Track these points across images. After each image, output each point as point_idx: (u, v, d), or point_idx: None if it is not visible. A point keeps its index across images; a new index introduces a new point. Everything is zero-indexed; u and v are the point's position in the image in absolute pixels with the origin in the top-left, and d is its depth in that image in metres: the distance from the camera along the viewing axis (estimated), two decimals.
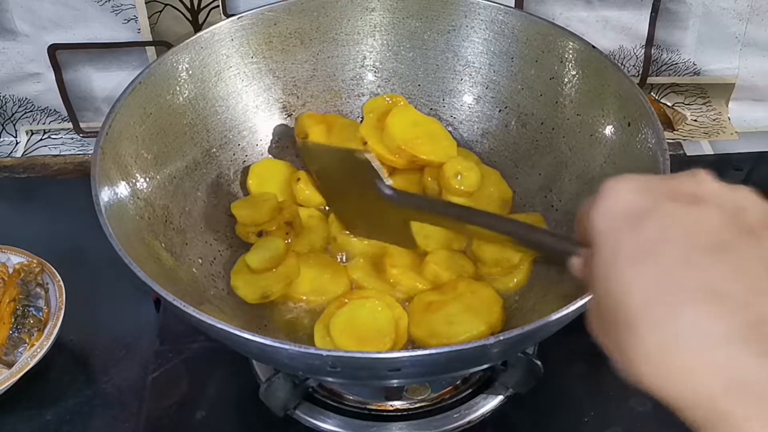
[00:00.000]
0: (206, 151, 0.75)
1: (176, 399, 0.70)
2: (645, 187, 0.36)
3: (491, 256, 0.68)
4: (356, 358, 0.53)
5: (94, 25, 0.85)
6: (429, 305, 0.65)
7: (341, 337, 0.63)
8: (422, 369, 0.56)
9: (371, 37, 0.80)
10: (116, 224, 0.59)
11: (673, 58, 0.93)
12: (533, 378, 0.65)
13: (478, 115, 0.80)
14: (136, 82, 0.68)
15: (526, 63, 0.77)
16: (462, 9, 0.78)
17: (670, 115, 0.97)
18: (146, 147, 0.69)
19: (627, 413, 0.68)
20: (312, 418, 0.67)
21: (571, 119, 0.74)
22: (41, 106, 0.92)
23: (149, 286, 0.54)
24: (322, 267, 0.70)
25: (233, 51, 0.76)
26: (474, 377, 0.70)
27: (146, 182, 0.68)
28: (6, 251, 0.75)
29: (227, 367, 0.72)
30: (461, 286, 0.66)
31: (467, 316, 0.63)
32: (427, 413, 0.68)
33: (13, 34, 0.85)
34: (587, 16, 0.89)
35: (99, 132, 0.64)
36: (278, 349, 0.51)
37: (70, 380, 0.71)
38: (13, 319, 0.71)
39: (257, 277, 0.68)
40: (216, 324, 0.51)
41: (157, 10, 0.85)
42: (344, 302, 0.65)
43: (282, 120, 0.80)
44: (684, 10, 0.89)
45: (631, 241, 0.34)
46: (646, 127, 0.65)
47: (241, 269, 0.69)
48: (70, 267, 0.75)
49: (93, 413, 0.69)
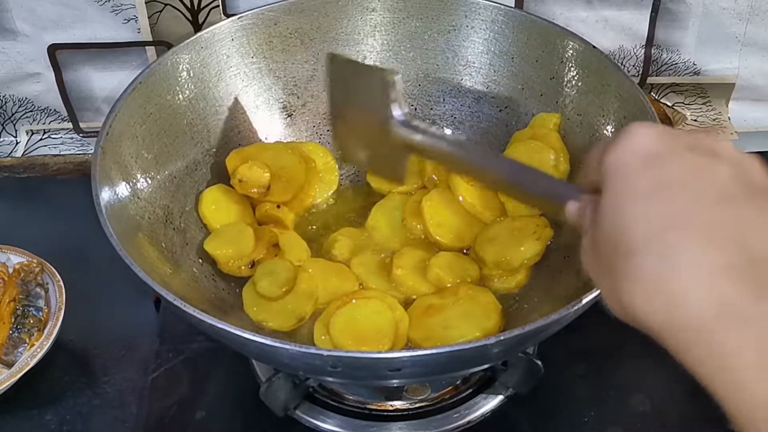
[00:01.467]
0: (206, 151, 0.75)
1: (176, 399, 0.70)
2: (665, 135, 0.38)
3: (492, 258, 0.68)
4: (357, 358, 0.53)
5: (94, 25, 0.85)
6: (428, 309, 0.65)
7: (340, 336, 0.63)
8: (423, 369, 0.56)
9: (371, 37, 0.80)
10: (116, 224, 0.59)
11: (673, 58, 0.93)
12: (533, 378, 0.65)
13: (478, 115, 0.80)
14: (136, 82, 0.68)
15: (527, 63, 0.77)
16: (462, 9, 0.78)
17: (670, 115, 0.97)
18: (146, 147, 0.69)
19: (627, 413, 0.68)
20: (312, 418, 0.67)
21: (571, 119, 0.74)
22: (41, 106, 0.92)
23: (149, 286, 0.54)
24: (325, 270, 0.70)
25: (233, 51, 0.76)
26: (474, 377, 0.70)
27: (146, 182, 0.68)
28: (6, 251, 0.75)
29: (227, 367, 0.72)
30: (462, 290, 0.66)
31: (463, 321, 0.63)
32: (427, 413, 0.68)
33: (13, 34, 0.85)
34: (587, 16, 0.89)
35: (99, 132, 0.64)
36: (278, 349, 0.51)
37: (70, 380, 0.71)
38: (13, 319, 0.71)
39: (281, 304, 0.66)
40: (216, 324, 0.51)
41: (157, 10, 0.85)
42: (345, 302, 0.65)
43: (282, 120, 0.80)
44: (684, 10, 0.89)
45: (647, 178, 0.36)
46: None
47: (256, 302, 0.66)
48: (70, 267, 0.75)
49: (93, 413, 0.69)
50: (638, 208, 0.36)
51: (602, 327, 0.66)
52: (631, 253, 0.35)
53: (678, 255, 0.34)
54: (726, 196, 0.35)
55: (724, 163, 0.37)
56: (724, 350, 0.33)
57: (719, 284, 0.33)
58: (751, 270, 0.33)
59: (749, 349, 0.32)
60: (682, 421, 0.68)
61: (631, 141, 0.38)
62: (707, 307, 0.33)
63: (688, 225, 0.35)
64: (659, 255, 0.34)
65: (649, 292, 0.35)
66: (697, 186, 0.36)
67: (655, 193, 0.36)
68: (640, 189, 0.36)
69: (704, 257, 0.34)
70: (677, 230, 0.35)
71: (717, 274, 0.33)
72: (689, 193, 0.35)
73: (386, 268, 0.70)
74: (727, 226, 0.34)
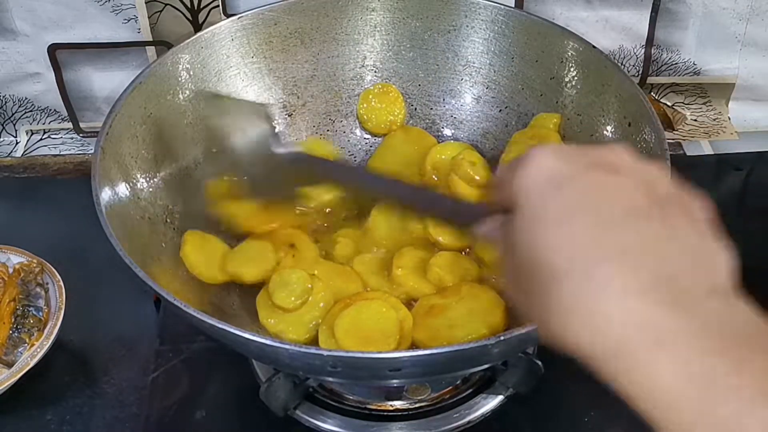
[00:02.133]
0: (207, 150, 0.75)
1: (176, 399, 0.70)
2: (567, 156, 0.38)
3: (492, 258, 0.68)
4: (357, 358, 0.53)
5: (94, 25, 0.85)
6: (431, 309, 0.65)
7: (345, 338, 0.62)
8: (423, 369, 0.56)
9: (371, 37, 0.80)
10: (116, 224, 0.59)
11: (673, 58, 0.93)
12: (533, 378, 0.65)
13: (478, 115, 0.80)
14: (136, 82, 0.68)
15: (527, 63, 0.77)
16: (462, 9, 0.78)
17: (670, 115, 0.97)
18: (146, 147, 0.69)
19: (627, 413, 0.68)
20: (312, 418, 0.67)
21: (571, 119, 0.74)
22: (41, 106, 0.92)
23: (149, 286, 0.54)
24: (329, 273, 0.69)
25: (233, 51, 0.76)
26: (474, 377, 0.70)
27: (147, 182, 0.68)
28: (6, 251, 0.75)
29: (227, 367, 0.72)
30: (464, 289, 0.66)
31: (468, 319, 0.63)
32: (427, 413, 0.68)
33: (13, 33, 0.85)
34: (587, 16, 0.89)
35: (99, 132, 0.64)
36: (278, 349, 0.51)
37: (70, 380, 0.71)
38: (13, 319, 0.71)
39: (297, 316, 0.65)
40: (216, 324, 0.51)
41: (157, 10, 0.85)
42: (348, 303, 0.65)
43: (282, 120, 0.80)
44: (684, 10, 0.89)
45: (555, 204, 0.37)
46: (647, 127, 0.65)
47: (272, 314, 0.66)
48: (70, 267, 0.75)
49: (93, 413, 0.69)
50: (549, 235, 0.36)
51: None
52: (550, 280, 0.35)
53: (593, 281, 0.34)
54: (631, 212, 0.36)
55: (627, 177, 0.37)
56: (647, 372, 0.33)
57: (635, 306, 0.33)
58: (663, 287, 0.33)
59: (668, 368, 0.32)
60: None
61: (535, 166, 0.38)
62: (627, 331, 0.33)
63: (599, 246, 0.35)
64: (577, 280, 0.34)
65: (573, 316, 0.34)
66: (602, 207, 0.36)
67: (562, 220, 0.36)
68: (549, 216, 0.36)
69: (618, 280, 0.34)
70: (588, 256, 0.34)
71: (632, 296, 0.33)
72: (595, 215, 0.36)
73: (387, 269, 0.70)
74: (635, 245, 0.35)
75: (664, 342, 0.32)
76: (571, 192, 0.37)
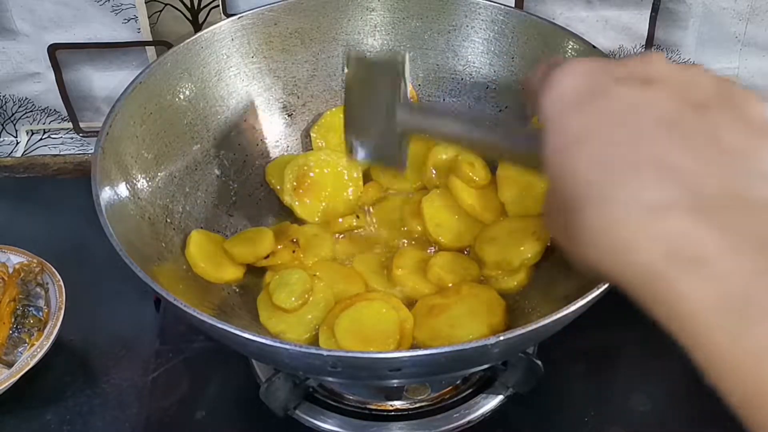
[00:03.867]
0: (206, 150, 0.75)
1: (176, 399, 0.70)
2: (594, 70, 0.36)
3: (492, 258, 0.68)
4: (357, 357, 0.53)
5: (94, 25, 0.85)
6: (432, 309, 0.65)
7: (345, 338, 0.62)
8: (423, 369, 0.56)
9: (371, 37, 0.80)
10: (116, 224, 0.59)
11: (673, 58, 0.93)
12: (533, 378, 0.65)
13: None
14: (136, 82, 0.68)
15: (527, 63, 0.77)
16: (462, 9, 0.78)
17: None
18: (146, 147, 0.69)
19: (627, 413, 0.68)
20: (312, 418, 0.67)
21: None
22: (41, 106, 0.92)
23: (149, 286, 0.54)
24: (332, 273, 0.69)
25: (233, 51, 0.76)
26: (474, 377, 0.70)
27: (147, 182, 0.68)
28: (6, 251, 0.75)
29: (227, 367, 0.72)
30: (464, 289, 0.66)
31: (469, 319, 0.63)
32: (427, 413, 0.68)
33: (13, 33, 0.85)
34: (587, 16, 0.89)
35: (99, 132, 0.64)
36: (278, 349, 0.51)
37: (70, 380, 0.71)
38: (13, 319, 0.71)
39: (298, 316, 0.65)
40: (216, 324, 0.51)
41: (157, 10, 0.85)
42: (349, 303, 0.65)
43: (282, 120, 0.80)
44: (684, 10, 0.89)
45: (578, 124, 0.34)
46: None
47: (272, 314, 0.66)
48: (70, 267, 0.75)
49: (93, 413, 0.69)
50: (574, 157, 0.34)
51: (602, 327, 0.66)
52: (577, 206, 0.33)
53: (619, 201, 0.32)
54: (665, 122, 0.33)
55: (660, 88, 0.34)
56: (679, 295, 0.30)
57: (660, 225, 0.31)
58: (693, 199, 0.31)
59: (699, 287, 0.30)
60: (682, 421, 0.68)
61: (561, 82, 0.36)
62: (655, 250, 0.31)
63: (625, 162, 0.32)
64: (602, 202, 0.32)
65: (600, 244, 0.33)
66: (631, 119, 0.33)
67: (588, 140, 0.34)
68: (573, 136, 0.34)
69: (648, 195, 0.31)
70: (614, 171, 0.32)
71: (664, 213, 0.31)
72: (623, 132, 0.33)
73: (387, 269, 0.70)
74: (671, 153, 0.32)
75: (705, 265, 0.30)
76: (595, 109, 0.34)
